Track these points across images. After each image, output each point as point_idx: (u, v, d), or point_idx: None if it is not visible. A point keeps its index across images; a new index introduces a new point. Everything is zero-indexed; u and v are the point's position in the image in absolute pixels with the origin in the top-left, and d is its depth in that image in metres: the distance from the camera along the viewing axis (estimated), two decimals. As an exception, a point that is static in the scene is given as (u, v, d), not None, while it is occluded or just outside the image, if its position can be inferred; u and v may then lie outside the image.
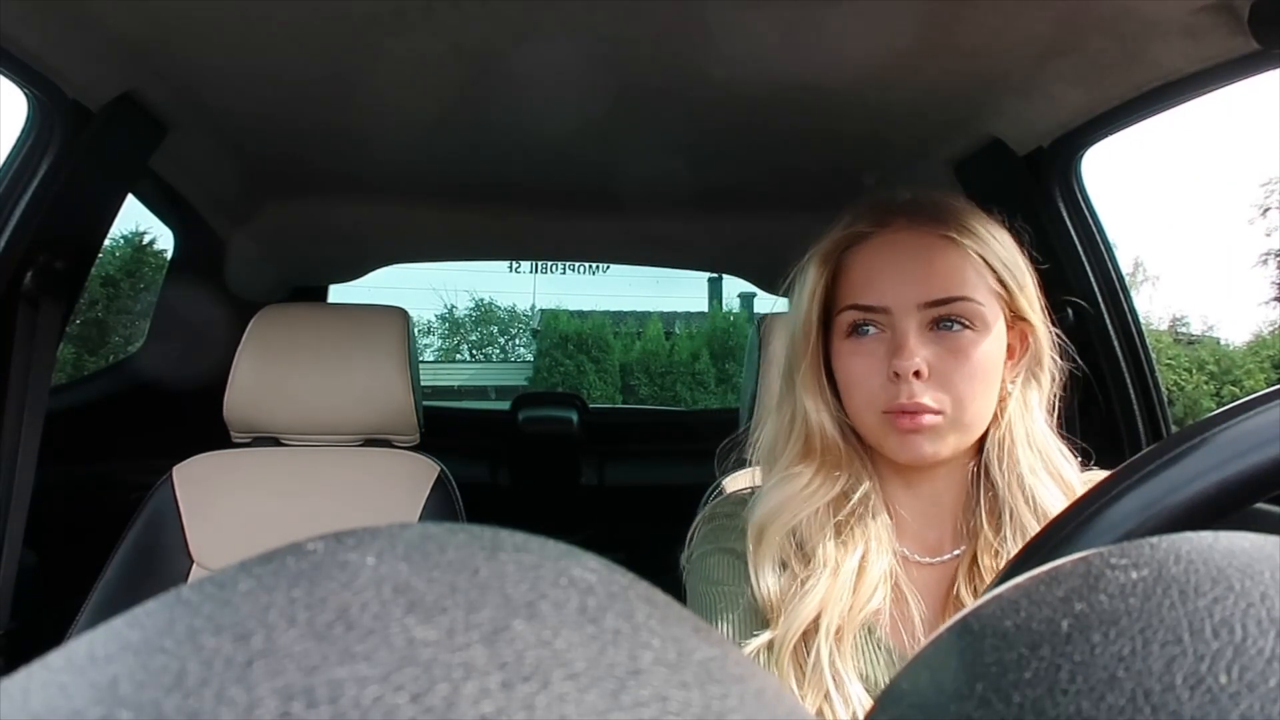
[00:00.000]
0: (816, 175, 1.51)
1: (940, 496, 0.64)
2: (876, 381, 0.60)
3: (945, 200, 0.64)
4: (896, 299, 0.59)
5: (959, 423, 0.59)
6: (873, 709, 0.18)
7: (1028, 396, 0.63)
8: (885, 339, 0.60)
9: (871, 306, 0.60)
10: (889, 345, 0.60)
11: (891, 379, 0.59)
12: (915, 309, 0.59)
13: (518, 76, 1.10)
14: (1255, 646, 0.14)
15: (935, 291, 0.59)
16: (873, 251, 0.62)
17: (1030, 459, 0.61)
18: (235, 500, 1.12)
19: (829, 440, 0.63)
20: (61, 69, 1.01)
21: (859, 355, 0.61)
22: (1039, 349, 0.63)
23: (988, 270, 0.61)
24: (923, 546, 0.64)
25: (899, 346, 0.58)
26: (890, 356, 0.59)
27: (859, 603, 0.58)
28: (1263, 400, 0.31)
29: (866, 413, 0.61)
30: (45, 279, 1.07)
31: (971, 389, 0.59)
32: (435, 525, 0.15)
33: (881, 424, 0.60)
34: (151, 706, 0.10)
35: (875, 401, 0.60)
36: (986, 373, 0.60)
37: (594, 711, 0.11)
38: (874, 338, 0.61)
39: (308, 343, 1.16)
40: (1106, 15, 0.91)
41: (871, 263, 0.62)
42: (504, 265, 7.95)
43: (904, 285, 0.60)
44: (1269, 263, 9.88)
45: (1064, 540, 0.33)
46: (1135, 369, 1.19)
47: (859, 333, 0.61)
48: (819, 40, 1.00)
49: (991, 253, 0.61)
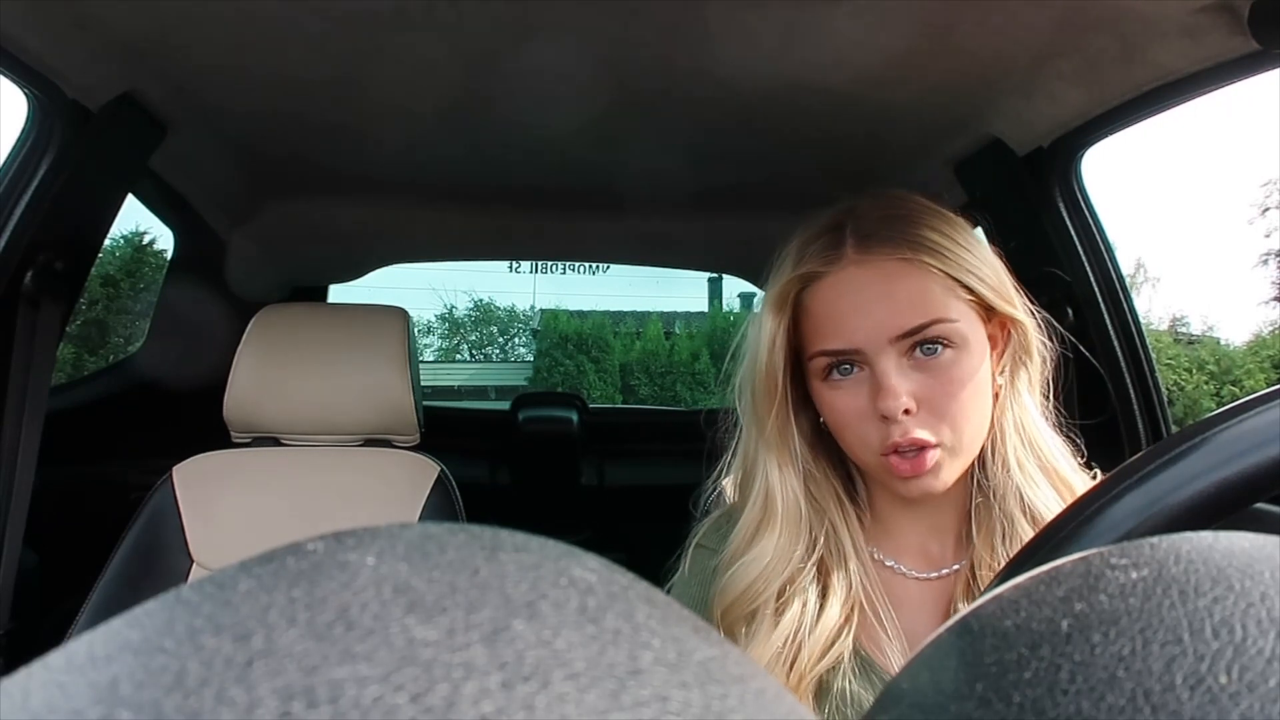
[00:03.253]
0: (817, 175, 1.50)
1: (942, 510, 0.62)
2: (868, 424, 0.57)
3: (893, 214, 0.60)
4: (866, 338, 0.56)
5: (958, 448, 0.56)
6: (873, 709, 0.18)
7: (1017, 383, 0.60)
8: (866, 377, 0.57)
9: (842, 350, 0.57)
10: (871, 384, 0.57)
11: (881, 420, 0.56)
12: (888, 344, 0.56)
13: (518, 76, 1.10)
14: (1255, 646, 0.14)
15: (905, 322, 0.55)
16: (829, 292, 0.58)
17: (1023, 454, 0.59)
18: (235, 500, 1.12)
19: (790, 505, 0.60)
20: (61, 69, 1.01)
21: (843, 396, 0.58)
22: (1024, 336, 0.60)
23: (954, 283, 0.57)
24: (925, 561, 0.62)
25: (881, 387, 0.55)
26: (874, 397, 0.56)
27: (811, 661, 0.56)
28: (1263, 400, 0.31)
29: (864, 455, 0.58)
30: (45, 279, 1.07)
31: (965, 410, 0.56)
32: (435, 525, 0.15)
33: (881, 466, 0.57)
34: (151, 706, 0.10)
35: (870, 444, 0.57)
36: (976, 386, 0.57)
37: (594, 711, 0.11)
38: (854, 378, 0.57)
39: (308, 343, 1.16)
40: (1106, 15, 0.91)
41: (831, 305, 0.58)
42: (504, 265, 7.96)
43: (870, 322, 0.56)
44: (1269, 263, 9.89)
45: (1064, 540, 0.33)
46: (1135, 369, 1.19)
47: (838, 372, 0.58)
48: (819, 40, 1.00)
49: (954, 264, 0.57)
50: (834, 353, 0.57)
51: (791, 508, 0.60)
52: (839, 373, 0.58)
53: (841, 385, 0.58)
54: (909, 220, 0.59)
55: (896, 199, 0.62)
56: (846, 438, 0.59)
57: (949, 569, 0.62)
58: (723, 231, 1.83)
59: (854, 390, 0.57)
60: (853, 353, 0.57)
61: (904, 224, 0.59)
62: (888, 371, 0.55)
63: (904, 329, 0.56)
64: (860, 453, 0.59)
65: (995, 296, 0.58)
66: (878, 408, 0.55)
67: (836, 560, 0.60)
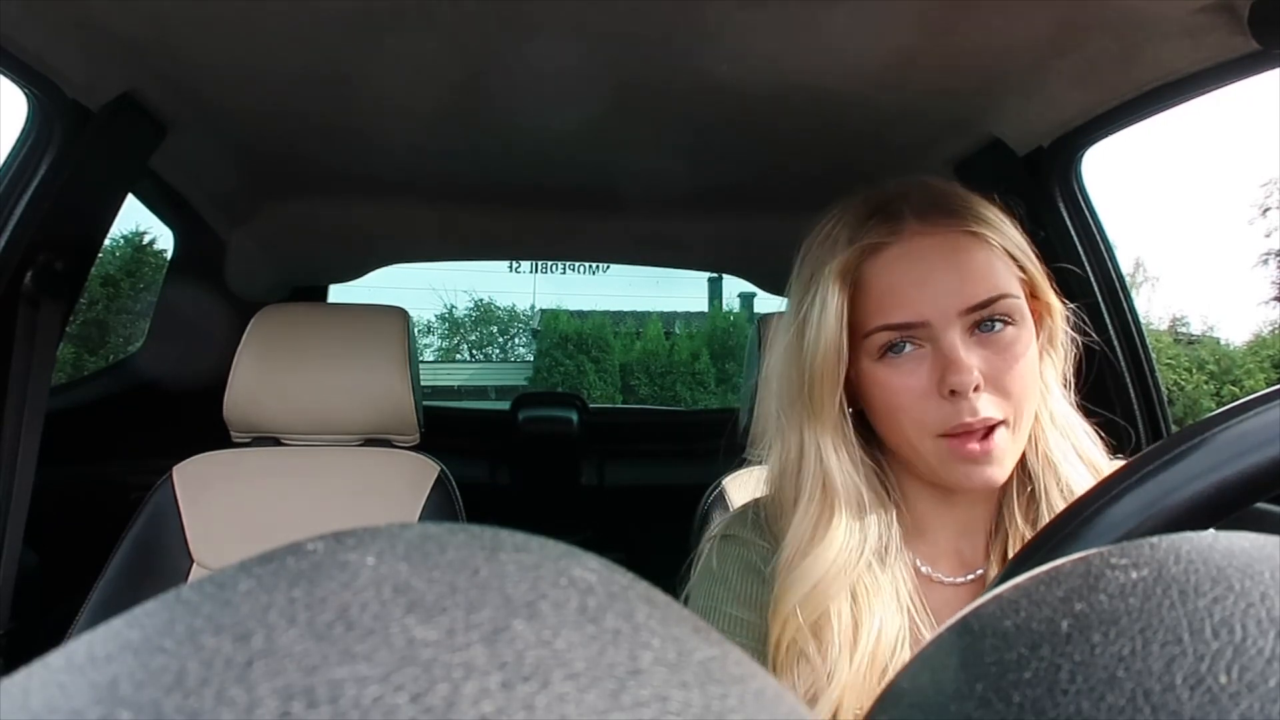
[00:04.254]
0: (817, 175, 1.50)
1: (976, 508, 0.60)
2: (927, 403, 0.54)
3: (950, 190, 0.59)
4: (934, 310, 0.54)
5: (1019, 430, 0.55)
6: (872, 709, 0.18)
7: (1045, 375, 0.59)
8: (925, 355, 0.55)
9: (908, 324, 0.54)
10: (932, 361, 0.54)
11: (946, 398, 0.53)
12: (956, 317, 0.54)
13: (517, 76, 1.10)
14: (1255, 646, 0.14)
15: (974, 295, 0.54)
16: (894, 263, 0.55)
17: (1059, 443, 0.58)
18: (235, 500, 1.12)
19: (851, 492, 0.57)
20: (61, 69, 1.01)
21: (899, 375, 0.55)
22: (1055, 326, 0.59)
23: (1011, 260, 0.56)
24: (956, 564, 0.60)
25: (950, 362, 0.53)
26: (939, 373, 0.53)
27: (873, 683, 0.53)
28: (1263, 400, 0.31)
29: (920, 439, 0.55)
30: (45, 279, 1.07)
31: (1024, 387, 0.55)
32: (435, 525, 0.15)
33: (940, 451, 0.54)
34: (151, 706, 0.10)
35: (929, 425, 0.54)
36: (1031, 366, 0.56)
37: (594, 711, 0.11)
38: (912, 355, 0.55)
39: (308, 343, 1.16)
40: (1106, 15, 0.91)
41: (896, 276, 0.55)
42: (504, 265, 7.95)
43: (939, 294, 0.54)
44: (1269, 263, 9.89)
45: (1064, 540, 0.33)
46: (1135, 369, 1.19)
47: (894, 352, 0.55)
48: (819, 40, 1.00)
49: (1009, 240, 0.57)
50: (898, 326, 0.55)
51: (853, 494, 0.57)
52: (894, 351, 0.55)
53: (898, 363, 0.55)
54: (963, 197, 0.58)
55: (938, 180, 0.61)
56: (899, 421, 0.56)
57: (975, 573, 0.60)
58: (723, 231, 1.83)
59: (912, 368, 0.55)
60: (918, 326, 0.54)
61: (960, 199, 0.57)
62: (955, 345, 0.53)
63: (973, 301, 0.54)
64: (915, 436, 0.55)
65: (1038, 276, 0.58)
66: (946, 383, 0.53)
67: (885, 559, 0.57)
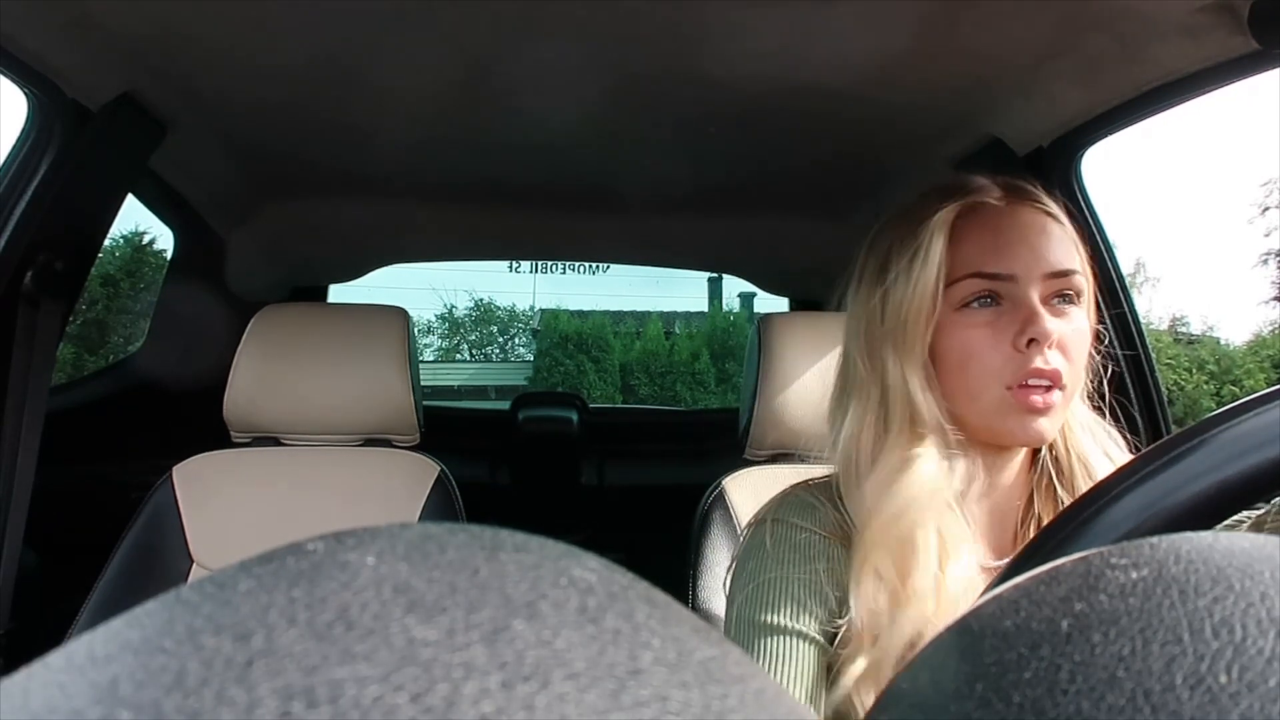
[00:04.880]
0: (816, 175, 1.51)
1: (1012, 493, 0.63)
2: (1000, 355, 0.57)
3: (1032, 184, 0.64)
4: (1024, 267, 0.58)
5: (1070, 396, 0.58)
6: (873, 709, 0.18)
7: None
8: (1005, 310, 0.58)
9: (999, 274, 0.58)
10: (1010, 316, 0.57)
11: (1022, 350, 0.56)
12: (1040, 279, 0.58)
13: (518, 76, 1.10)
14: (1255, 646, 0.14)
15: (1058, 262, 0.58)
16: (992, 218, 0.60)
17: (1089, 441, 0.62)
18: (235, 500, 1.12)
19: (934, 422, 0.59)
20: (61, 69, 1.01)
21: (978, 327, 0.58)
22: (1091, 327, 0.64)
23: (1078, 251, 0.61)
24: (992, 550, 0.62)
25: (1033, 313, 0.56)
26: (1019, 326, 0.57)
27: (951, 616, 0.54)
28: (1263, 400, 0.31)
29: (988, 389, 0.58)
30: (45, 279, 1.07)
31: (1081, 362, 0.59)
32: (435, 525, 0.15)
33: (1003, 401, 0.57)
34: (151, 706, 0.10)
35: (999, 376, 0.57)
36: (1087, 347, 0.60)
37: (594, 711, 0.11)
38: (993, 309, 0.58)
39: (308, 343, 1.16)
40: (1106, 15, 0.91)
41: (994, 230, 0.59)
42: (504, 265, 7.96)
43: (1030, 253, 0.58)
44: (1269, 263, 9.89)
45: (1064, 540, 0.33)
46: (1135, 369, 1.19)
47: (979, 304, 0.59)
48: (819, 40, 1.00)
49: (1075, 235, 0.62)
50: (989, 275, 0.58)
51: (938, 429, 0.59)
52: (979, 303, 0.59)
53: (979, 314, 0.59)
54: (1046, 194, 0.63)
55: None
56: (970, 369, 0.58)
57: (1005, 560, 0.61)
58: (723, 231, 1.83)
59: (990, 319, 0.58)
60: (1005, 279, 0.58)
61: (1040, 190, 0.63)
62: (1036, 302, 0.57)
63: (1057, 268, 0.58)
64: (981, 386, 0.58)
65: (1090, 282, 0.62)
66: (1026, 334, 0.56)
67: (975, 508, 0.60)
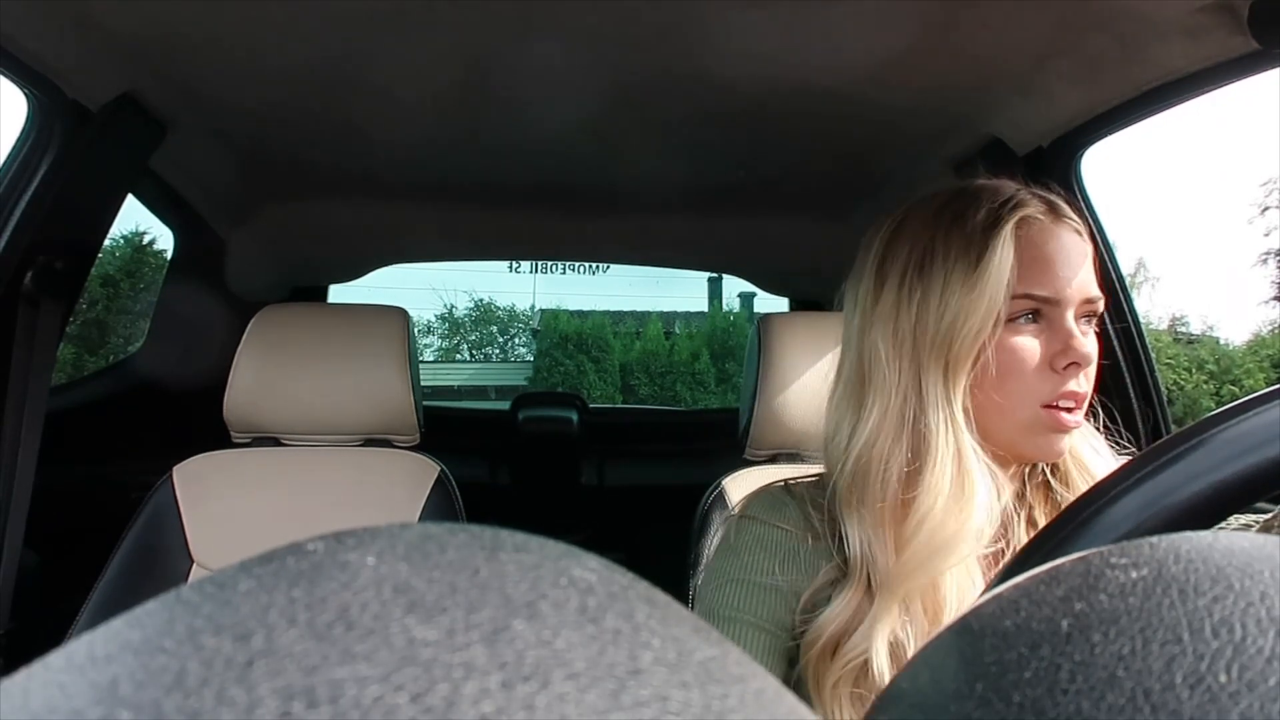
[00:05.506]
0: (816, 175, 1.51)
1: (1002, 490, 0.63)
2: (1041, 373, 0.58)
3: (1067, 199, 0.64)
4: (1070, 291, 0.59)
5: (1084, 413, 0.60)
6: (872, 709, 0.18)
7: None
8: (1043, 330, 0.59)
9: (1048, 298, 0.58)
10: (1048, 336, 0.59)
11: (1060, 371, 0.58)
12: (1077, 303, 0.59)
13: (517, 77, 1.10)
14: (1255, 646, 0.14)
15: (1092, 288, 0.60)
16: (1045, 239, 0.60)
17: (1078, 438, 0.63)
18: (235, 500, 1.12)
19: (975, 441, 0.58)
20: (61, 69, 1.01)
21: (1028, 342, 0.59)
22: None
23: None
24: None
25: (1073, 338, 0.58)
26: (1058, 347, 0.58)
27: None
28: (1262, 400, 0.31)
29: (1025, 406, 0.58)
30: (45, 279, 1.07)
31: (1093, 383, 0.60)
32: (435, 525, 0.15)
33: (1036, 419, 0.58)
34: (151, 706, 0.10)
35: (1037, 394, 0.58)
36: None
37: (594, 711, 0.11)
38: (1032, 327, 0.59)
39: (308, 343, 1.16)
40: (1106, 15, 0.91)
41: (1046, 252, 0.59)
42: (504, 265, 7.96)
43: (1075, 276, 0.59)
44: (1269, 263, 9.89)
45: (1064, 540, 0.33)
46: (1135, 369, 1.19)
47: (1023, 320, 0.59)
48: (819, 40, 1.00)
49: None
50: (1040, 298, 0.59)
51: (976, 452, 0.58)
52: (1025, 320, 0.59)
53: (1026, 332, 0.59)
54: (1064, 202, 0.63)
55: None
56: (1011, 386, 0.59)
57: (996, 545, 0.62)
58: (723, 231, 1.83)
59: (1031, 339, 0.59)
60: (1053, 302, 0.59)
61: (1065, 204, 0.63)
62: (1075, 326, 0.59)
63: (1092, 293, 0.60)
64: (1018, 403, 0.59)
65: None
66: (1068, 356, 0.57)
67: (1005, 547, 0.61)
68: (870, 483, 0.60)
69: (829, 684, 0.57)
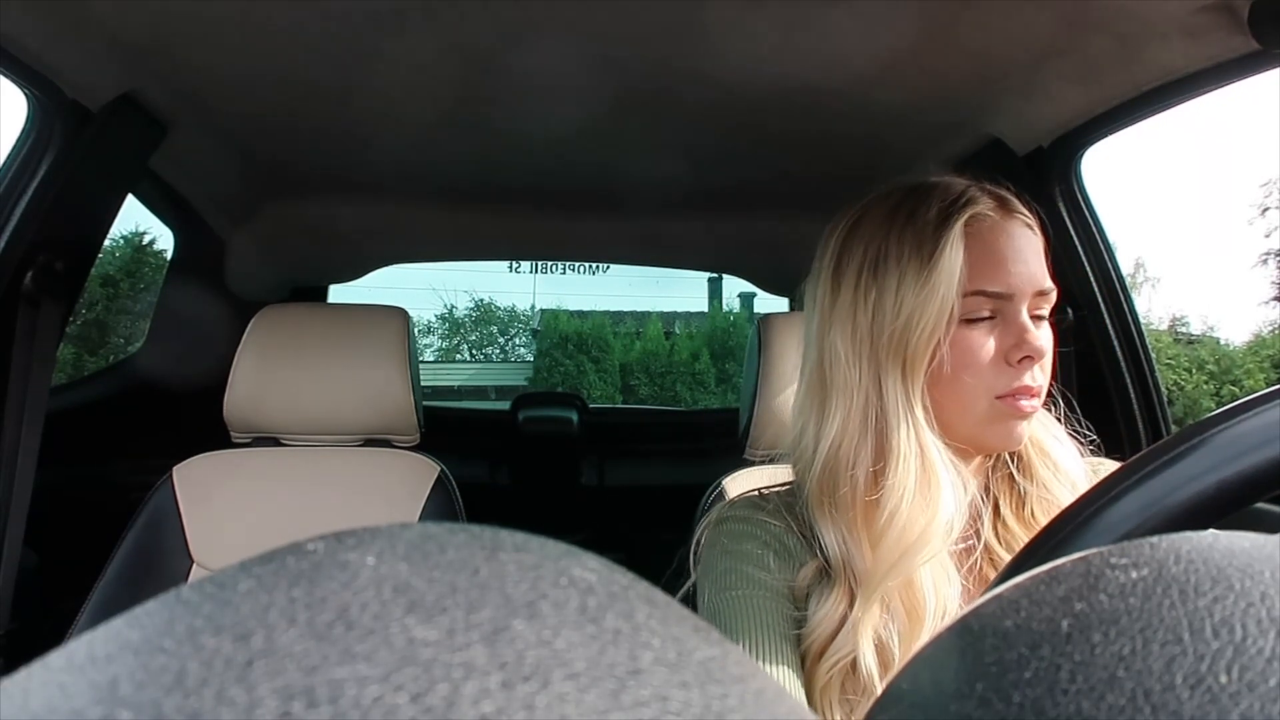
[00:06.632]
0: (816, 175, 1.51)
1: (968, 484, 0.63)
2: (994, 367, 0.59)
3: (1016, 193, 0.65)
4: (1020, 285, 0.59)
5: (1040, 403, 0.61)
6: (873, 708, 0.18)
7: None
8: (997, 325, 0.60)
9: (999, 293, 0.59)
10: (1002, 331, 0.59)
11: (1014, 365, 0.59)
12: (1030, 296, 0.60)
13: (517, 77, 1.10)
14: (1255, 646, 0.14)
15: (1044, 280, 0.61)
16: (995, 235, 0.60)
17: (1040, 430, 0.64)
18: (235, 500, 1.12)
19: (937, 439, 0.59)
20: (61, 69, 1.00)
21: (980, 338, 0.60)
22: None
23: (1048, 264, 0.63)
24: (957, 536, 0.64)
25: (1027, 332, 0.59)
26: (1012, 341, 0.59)
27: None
28: (1263, 400, 0.31)
29: (978, 400, 0.59)
30: (45, 279, 1.07)
31: (1049, 374, 0.61)
32: (435, 525, 0.15)
33: (992, 411, 0.59)
34: (151, 706, 0.10)
35: (991, 387, 0.59)
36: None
37: (594, 711, 0.11)
38: (989, 322, 0.60)
39: (308, 343, 1.16)
40: (1106, 15, 0.91)
41: (997, 248, 0.60)
42: (504, 265, 7.96)
43: (1026, 270, 0.60)
44: (1269, 263, 9.89)
45: (1064, 540, 0.33)
46: (1135, 369, 1.19)
47: (977, 318, 0.60)
48: (819, 40, 1.00)
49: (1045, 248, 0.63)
50: (992, 294, 0.59)
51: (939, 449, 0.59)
52: (978, 318, 0.60)
53: (979, 327, 0.60)
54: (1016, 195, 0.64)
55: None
56: (965, 380, 0.59)
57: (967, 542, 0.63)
58: (723, 231, 1.83)
59: (985, 334, 0.60)
60: (1005, 297, 0.59)
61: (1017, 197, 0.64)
62: (1028, 320, 0.59)
63: (1044, 285, 0.61)
64: (973, 397, 0.59)
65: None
66: (1021, 350, 0.58)
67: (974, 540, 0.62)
68: (839, 485, 0.60)
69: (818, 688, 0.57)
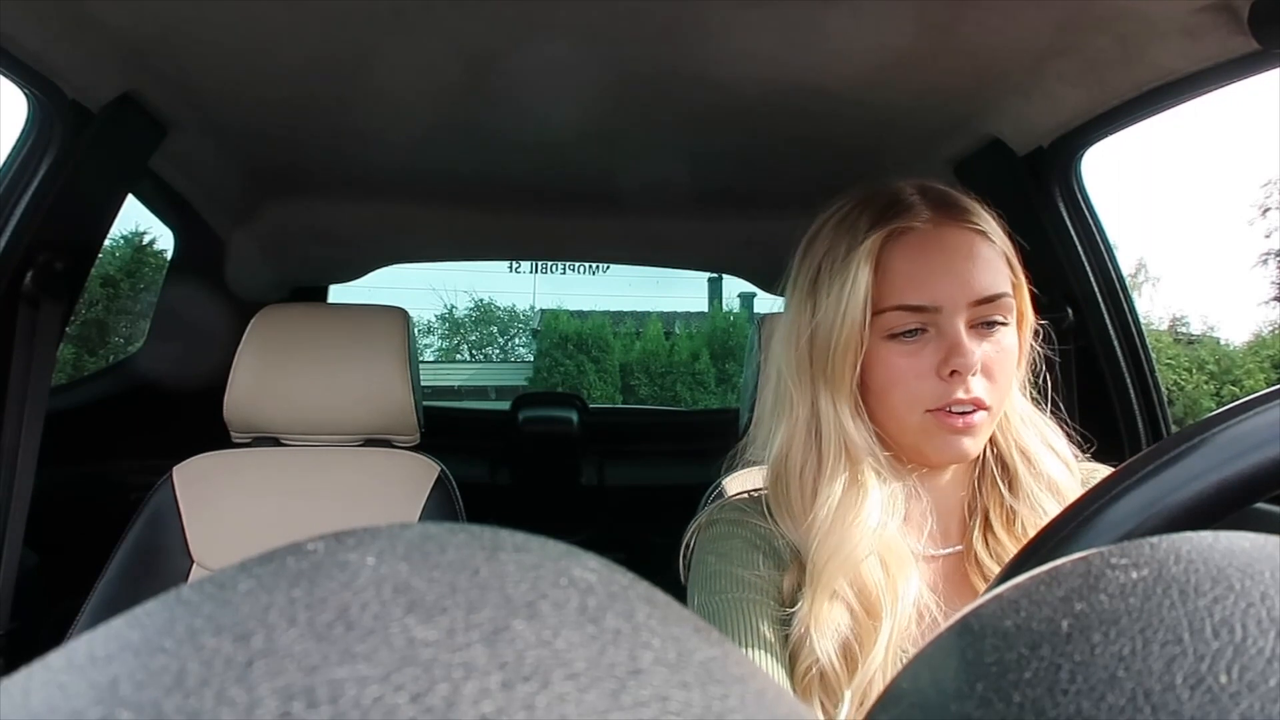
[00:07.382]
0: (816, 175, 1.50)
1: (949, 489, 0.64)
2: (923, 382, 0.58)
3: (955, 191, 0.63)
4: (949, 297, 0.58)
5: (995, 415, 0.60)
6: (873, 709, 0.18)
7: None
8: (931, 338, 0.59)
9: (923, 307, 0.58)
10: (935, 344, 0.58)
11: (945, 379, 0.57)
12: (965, 307, 0.58)
13: (517, 77, 1.10)
14: (1255, 646, 0.14)
15: (983, 289, 0.58)
16: (916, 248, 0.59)
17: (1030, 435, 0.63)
18: (235, 500, 1.12)
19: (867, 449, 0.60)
20: (61, 69, 1.01)
21: (905, 357, 0.59)
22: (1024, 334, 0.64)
23: (1008, 266, 0.61)
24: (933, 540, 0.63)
25: (955, 345, 0.57)
26: (942, 355, 0.57)
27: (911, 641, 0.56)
28: (1263, 400, 0.31)
29: (909, 414, 0.59)
30: (45, 279, 1.07)
31: (1008, 381, 0.60)
32: (435, 525, 0.15)
33: (925, 424, 0.58)
34: (151, 706, 0.10)
35: (921, 401, 0.58)
36: (1015, 363, 0.61)
37: (594, 711, 0.11)
38: (918, 339, 0.59)
39: (308, 343, 1.16)
40: (1106, 15, 0.91)
41: (918, 261, 0.59)
42: (504, 265, 7.94)
43: (954, 283, 0.58)
44: (1269, 263, 9.88)
45: (1064, 540, 0.33)
46: (1135, 369, 1.19)
47: (905, 335, 0.59)
48: (819, 40, 1.00)
49: (1005, 246, 0.61)
50: (914, 308, 0.58)
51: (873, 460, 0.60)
52: (905, 334, 0.59)
53: (905, 344, 0.59)
54: (968, 199, 0.62)
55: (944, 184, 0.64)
56: (892, 396, 0.59)
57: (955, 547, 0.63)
58: (723, 231, 1.83)
59: (915, 349, 0.59)
60: (931, 310, 0.58)
61: (966, 201, 0.62)
62: (961, 332, 0.58)
63: (983, 294, 0.58)
64: (905, 411, 0.59)
65: (1024, 287, 0.62)
66: (949, 364, 0.57)
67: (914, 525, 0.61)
68: (790, 490, 0.62)
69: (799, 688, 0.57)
